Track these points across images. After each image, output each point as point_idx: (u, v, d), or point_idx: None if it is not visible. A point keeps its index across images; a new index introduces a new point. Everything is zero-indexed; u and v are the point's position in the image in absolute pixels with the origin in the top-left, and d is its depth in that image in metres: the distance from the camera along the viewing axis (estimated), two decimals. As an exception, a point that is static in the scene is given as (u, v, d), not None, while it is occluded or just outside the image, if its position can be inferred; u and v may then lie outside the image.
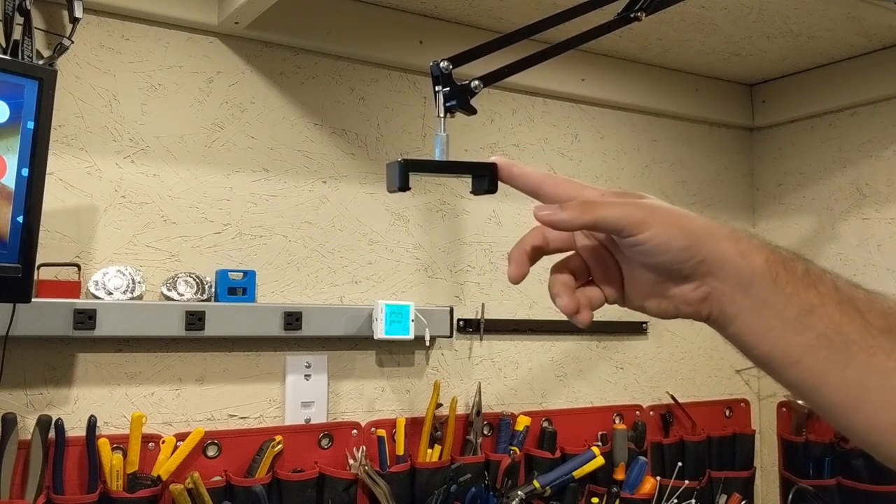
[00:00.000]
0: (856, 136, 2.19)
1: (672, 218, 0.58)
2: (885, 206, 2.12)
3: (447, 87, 0.80)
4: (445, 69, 0.80)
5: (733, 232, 0.59)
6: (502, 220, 1.98)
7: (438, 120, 0.79)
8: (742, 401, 2.34)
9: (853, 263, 2.16)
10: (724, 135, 2.41)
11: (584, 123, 2.14)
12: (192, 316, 1.51)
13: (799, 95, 2.29)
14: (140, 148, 1.57)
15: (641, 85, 2.20)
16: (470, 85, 0.82)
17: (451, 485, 1.69)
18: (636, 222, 0.58)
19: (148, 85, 1.59)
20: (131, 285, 1.49)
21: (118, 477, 1.43)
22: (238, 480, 1.53)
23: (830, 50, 2.10)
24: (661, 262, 0.59)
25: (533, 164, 2.04)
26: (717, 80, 2.34)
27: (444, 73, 0.80)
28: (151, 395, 1.54)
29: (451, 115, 0.80)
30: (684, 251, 0.58)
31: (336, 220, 1.77)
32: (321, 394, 1.70)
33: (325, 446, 1.67)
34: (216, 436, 1.56)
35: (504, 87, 2.00)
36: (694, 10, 1.83)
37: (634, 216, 0.58)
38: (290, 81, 1.73)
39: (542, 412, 1.98)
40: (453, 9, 1.81)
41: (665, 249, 0.58)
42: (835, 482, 2.05)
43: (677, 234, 0.58)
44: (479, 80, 0.83)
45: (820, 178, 2.27)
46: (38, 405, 1.44)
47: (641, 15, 1.13)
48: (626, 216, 0.58)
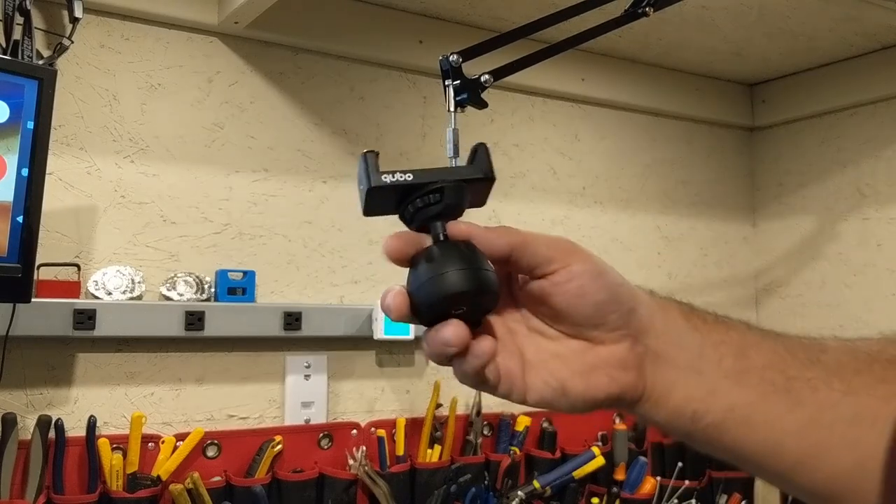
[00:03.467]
0: (856, 136, 2.18)
1: (594, 256, 0.52)
2: (885, 206, 2.12)
3: (457, 80, 0.79)
4: (455, 63, 0.80)
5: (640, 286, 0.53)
6: (502, 219, 1.98)
7: (449, 115, 0.78)
8: (742, 401, 2.34)
9: (853, 263, 2.16)
10: (724, 135, 2.41)
11: (584, 123, 2.14)
12: (191, 316, 1.51)
13: (799, 95, 2.29)
14: (140, 148, 1.57)
15: (641, 85, 2.20)
16: (480, 79, 0.82)
17: (451, 485, 1.69)
18: (568, 251, 0.51)
19: (148, 85, 1.59)
20: (131, 285, 1.49)
21: (118, 477, 1.43)
22: (238, 481, 1.53)
23: (830, 50, 2.10)
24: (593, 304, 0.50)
25: (533, 163, 2.04)
26: (717, 80, 2.34)
27: (455, 67, 0.79)
28: (151, 395, 1.54)
29: (462, 110, 0.80)
30: (617, 290, 0.51)
31: (336, 220, 1.76)
32: (321, 394, 1.70)
33: (325, 446, 1.67)
34: (216, 436, 1.56)
35: (504, 87, 2.00)
36: (694, 10, 1.83)
37: (565, 245, 0.52)
38: (290, 81, 1.73)
39: (542, 412, 1.97)
40: (453, 9, 1.81)
41: (599, 286, 0.50)
42: (835, 482, 2.04)
43: (607, 269, 0.52)
44: (490, 75, 0.83)
45: (820, 178, 2.27)
46: (38, 405, 1.44)
47: (650, 10, 1.13)
48: (555, 243, 0.52)
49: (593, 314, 0.51)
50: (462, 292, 0.49)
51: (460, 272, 0.49)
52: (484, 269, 0.50)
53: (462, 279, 0.49)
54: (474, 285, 0.49)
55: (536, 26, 0.92)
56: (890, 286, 2.08)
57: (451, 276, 0.49)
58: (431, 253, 0.51)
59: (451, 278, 0.49)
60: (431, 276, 0.50)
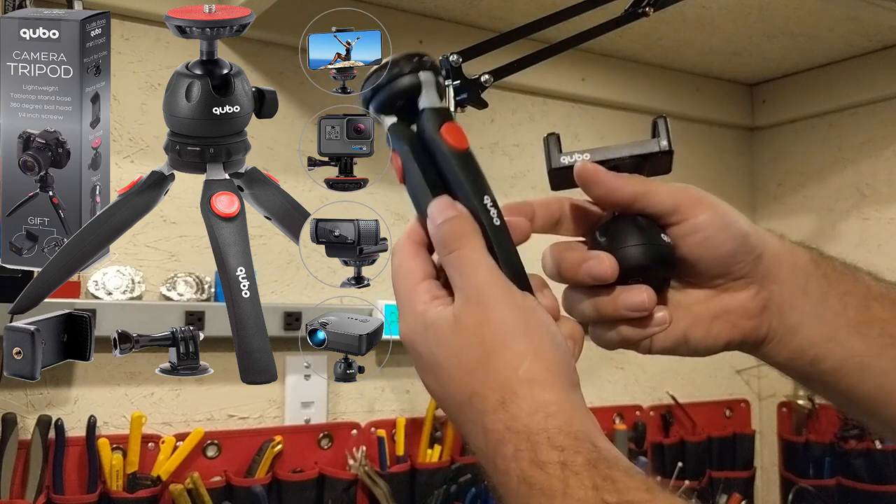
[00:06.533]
0: (856, 136, 2.18)
1: (721, 205, 0.52)
2: (885, 206, 2.11)
3: (457, 80, 0.79)
4: (455, 63, 0.79)
5: (769, 229, 0.53)
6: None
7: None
8: (742, 401, 2.34)
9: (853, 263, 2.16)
10: (724, 135, 2.41)
11: (584, 123, 2.14)
12: (191, 316, 1.51)
13: (799, 95, 2.29)
14: (140, 148, 1.57)
15: (641, 85, 2.20)
16: (480, 79, 0.82)
17: (451, 485, 1.69)
18: (693, 202, 0.51)
19: (148, 85, 1.58)
20: (131, 285, 1.49)
21: (118, 477, 1.42)
22: (238, 481, 1.53)
23: (830, 50, 2.10)
24: (718, 256, 0.50)
25: (533, 164, 2.04)
26: (717, 80, 2.34)
27: (454, 67, 0.79)
28: (151, 396, 1.54)
29: (462, 110, 0.80)
30: (745, 239, 0.50)
31: (336, 220, 1.76)
32: (321, 394, 1.70)
33: (325, 446, 1.67)
34: (216, 436, 1.56)
35: (504, 87, 2.00)
36: (694, 10, 1.83)
37: (690, 195, 0.52)
38: (290, 81, 1.73)
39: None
40: (453, 9, 1.81)
41: (726, 237, 0.50)
42: (835, 482, 2.04)
43: (735, 219, 0.51)
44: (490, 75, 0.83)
45: (820, 178, 2.27)
46: (38, 405, 1.44)
47: (650, 10, 1.13)
48: (680, 192, 0.51)
49: (719, 264, 0.51)
50: (655, 265, 0.51)
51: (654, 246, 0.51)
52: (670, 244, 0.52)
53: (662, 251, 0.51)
54: (668, 257, 0.51)
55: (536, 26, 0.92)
56: (890, 286, 2.08)
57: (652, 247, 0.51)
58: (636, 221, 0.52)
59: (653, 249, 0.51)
60: (641, 243, 0.51)
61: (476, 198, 0.50)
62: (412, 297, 0.49)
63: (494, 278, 0.47)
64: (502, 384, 0.44)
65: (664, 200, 0.51)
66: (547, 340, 0.45)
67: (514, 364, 0.44)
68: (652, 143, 0.56)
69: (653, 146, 0.55)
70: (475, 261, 0.47)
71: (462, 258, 0.47)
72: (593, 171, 0.53)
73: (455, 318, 0.47)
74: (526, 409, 0.43)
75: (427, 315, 0.48)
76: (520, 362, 0.44)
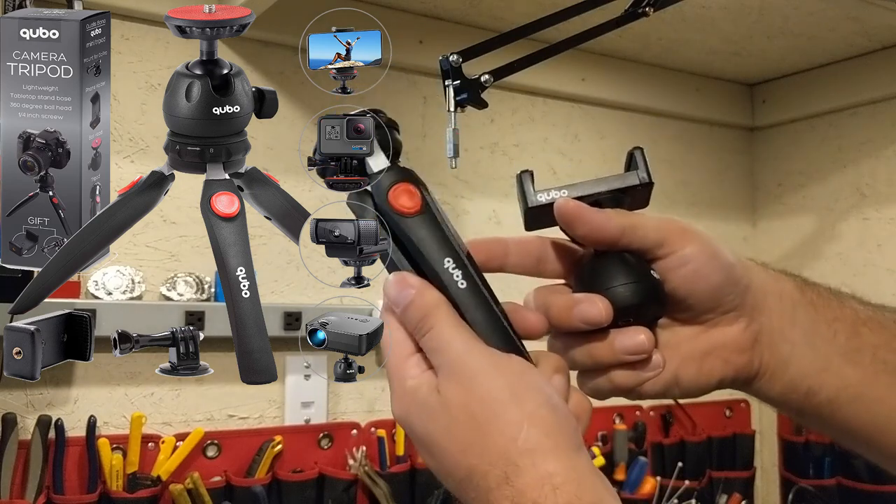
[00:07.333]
0: (856, 136, 2.18)
1: (705, 235, 0.50)
2: (885, 206, 2.11)
3: (457, 80, 0.79)
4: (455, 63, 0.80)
5: (752, 259, 0.51)
6: (502, 220, 1.98)
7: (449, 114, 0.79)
8: (742, 401, 2.34)
9: (853, 263, 2.16)
10: (724, 135, 2.41)
11: (584, 123, 2.14)
12: (191, 316, 1.51)
13: (799, 95, 2.29)
14: (140, 148, 1.57)
15: (641, 85, 2.20)
16: (480, 79, 0.82)
17: (451, 485, 1.69)
18: (679, 233, 0.49)
19: (148, 85, 1.59)
20: (131, 285, 1.49)
21: (118, 477, 1.42)
22: (238, 481, 1.53)
23: (830, 50, 2.10)
24: (708, 289, 0.49)
25: (533, 164, 2.04)
26: (717, 80, 2.34)
27: (454, 67, 0.79)
28: (151, 396, 1.54)
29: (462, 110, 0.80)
30: (732, 270, 0.49)
31: (336, 220, 1.76)
32: (321, 394, 1.70)
33: (325, 446, 1.67)
34: (216, 436, 1.56)
35: (504, 87, 2.00)
36: (694, 10, 1.83)
37: (676, 226, 0.50)
38: (290, 81, 1.73)
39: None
40: (453, 9, 1.81)
41: (714, 268, 0.48)
42: (835, 482, 2.05)
43: (720, 249, 0.49)
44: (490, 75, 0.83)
45: (820, 178, 2.27)
46: (38, 405, 1.44)
47: (650, 10, 1.13)
48: (666, 224, 0.50)
49: (709, 298, 0.49)
50: (648, 303, 0.49)
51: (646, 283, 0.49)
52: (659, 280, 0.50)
53: (654, 288, 0.49)
54: (660, 294, 0.49)
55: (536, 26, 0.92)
56: (890, 286, 2.08)
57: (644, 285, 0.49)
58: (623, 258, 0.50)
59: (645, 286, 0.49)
60: (632, 281, 0.49)
61: (436, 264, 0.48)
62: (401, 373, 0.48)
63: (471, 349, 0.45)
64: (502, 456, 0.42)
65: (650, 234, 0.50)
66: (541, 404, 0.43)
67: (511, 434, 0.42)
68: (631, 176, 0.54)
69: (632, 179, 0.54)
70: (447, 335, 0.45)
71: (433, 337, 0.46)
72: (576, 208, 0.50)
73: (441, 396, 0.45)
74: (531, 483, 0.41)
75: (418, 393, 0.47)
76: (516, 431, 0.42)
